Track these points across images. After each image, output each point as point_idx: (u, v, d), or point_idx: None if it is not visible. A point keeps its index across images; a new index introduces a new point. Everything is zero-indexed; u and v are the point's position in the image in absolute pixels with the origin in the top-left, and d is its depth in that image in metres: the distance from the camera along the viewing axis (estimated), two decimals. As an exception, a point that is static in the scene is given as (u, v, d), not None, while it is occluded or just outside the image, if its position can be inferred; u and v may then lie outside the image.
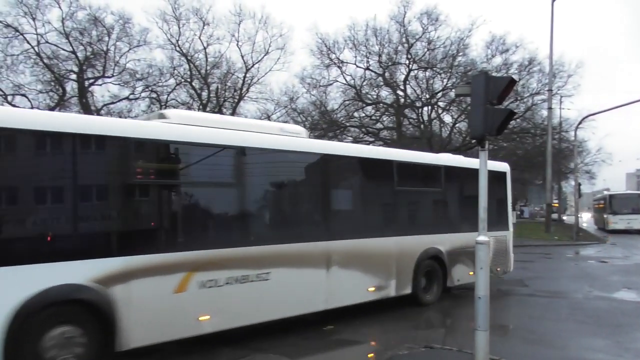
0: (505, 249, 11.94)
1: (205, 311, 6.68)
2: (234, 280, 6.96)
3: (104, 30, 32.68)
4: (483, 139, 6.04)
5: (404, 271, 9.63)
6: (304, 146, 8.39)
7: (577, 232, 29.66)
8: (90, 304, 5.73)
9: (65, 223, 5.81)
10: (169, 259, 6.43)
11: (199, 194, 7.15)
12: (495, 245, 11.17)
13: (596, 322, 9.04)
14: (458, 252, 10.69)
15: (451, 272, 10.61)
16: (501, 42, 35.44)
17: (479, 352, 5.97)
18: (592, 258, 20.46)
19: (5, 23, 29.63)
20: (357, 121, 39.39)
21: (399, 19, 35.18)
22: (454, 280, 10.72)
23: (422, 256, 9.96)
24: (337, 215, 8.93)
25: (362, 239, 8.90)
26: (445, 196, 11.02)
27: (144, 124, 7.02)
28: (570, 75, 36.08)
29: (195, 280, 6.58)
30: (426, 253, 10.04)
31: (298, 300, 7.79)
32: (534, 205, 77.45)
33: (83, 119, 7.14)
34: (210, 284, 6.71)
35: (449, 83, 36.35)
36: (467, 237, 10.38)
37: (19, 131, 5.48)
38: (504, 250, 11.87)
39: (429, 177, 10.80)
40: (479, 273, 6.02)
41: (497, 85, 5.94)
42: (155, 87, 36.17)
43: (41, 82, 32.16)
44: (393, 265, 9.44)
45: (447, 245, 10.47)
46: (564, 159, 47.11)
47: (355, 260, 8.66)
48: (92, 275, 5.75)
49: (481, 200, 6.25)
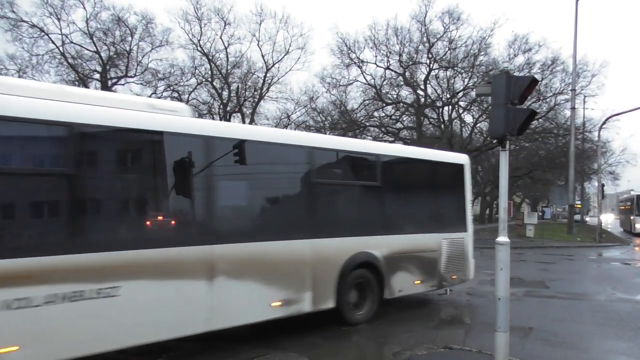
0: (463, 254, 10.44)
1: (13, 341, 5.00)
2: (59, 298, 5.28)
3: (127, 31, 33.18)
4: (504, 139, 6.00)
5: (323, 281, 7.88)
6: (172, 126, 6.45)
7: (600, 233, 29.19)
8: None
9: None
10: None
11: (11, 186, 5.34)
12: (449, 249, 10.02)
13: (618, 325, 8.93)
14: (400, 257, 9.04)
15: (390, 282, 8.88)
16: (524, 41, 35.08)
17: (499, 354, 5.95)
18: (615, 260, 20.15)
19: (31, 23, 30.28)
20: (377, 121, 39.33)
21: (420, 18, 35.04)
22: (394, 291, 8.99)
23: (349, 263, 8.23)
24: (224, 213, 7.11)
25: (262, 242, 7.19)
26: (383, 191, 9.09)
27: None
28: (594, 75, 35.62)
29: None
30: (354, 259, 8.29)
31: (165, 320, 6.09)
32: (556, 206, 76.60)
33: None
34: (20, 304, 5.03)
35: (470, 83, 36.08)
36: (411, 239, 9.39)
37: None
38: (461, 254, 10.39)
39: (361, 169, 9.25)
40: (499, 274, 5.98)
41: (518, 85, 5.90)
42: (176, 87, 36.60)
43: (65, 81, 32.74)
44: (307, 275, 7.68)
45: (384, 250, 8.76)
46: (587, 159, 46.41)
47: (252, 269, 6.96)
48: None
49: (501, 200, 6.20)
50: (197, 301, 6.40)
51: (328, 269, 7.99)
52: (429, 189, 10.39)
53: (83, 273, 5.46)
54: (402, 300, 9.42)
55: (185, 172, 6.53)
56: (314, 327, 8.15)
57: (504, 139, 5.99)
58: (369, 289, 8.65)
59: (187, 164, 6.55)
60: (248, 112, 38.57)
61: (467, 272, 10.62)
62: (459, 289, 12.23)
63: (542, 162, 45.11)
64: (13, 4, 29.13)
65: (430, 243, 9.70)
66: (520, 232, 30.71)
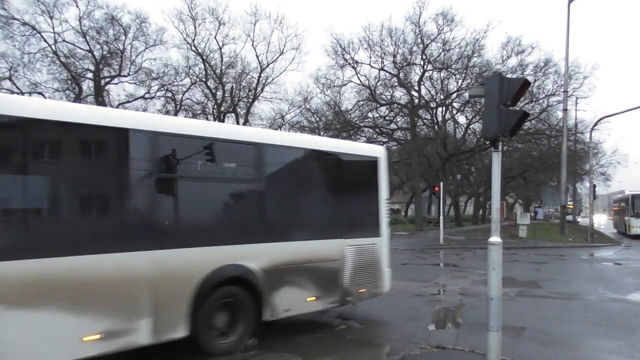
0: (374, 263, 8.91)
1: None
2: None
3: (120, 30, 33.12)
4: (497, 140, 6.05)
5: (170, 304, 6.21)
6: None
7: (592, 234, 29.39)
8: None
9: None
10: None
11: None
12: (356, 258, 8.48)
13: (609, 324, 9.01)
14: (287, 269, 7.42)
15: (272, 300, 7.18)
16: (517, 43, 35.39)
17: (491, 353, 6.00)
18: (607, 260, 20.30)
19: (23, 21, 30.13)
20: (371, 121, 39.48)
21: (414, 20, 35.24)
22: (277, 311, 7.28)
23: (211, 279, 6.55)
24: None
25: (67, 258, 5.35)
26: (265, 190, 7.44)
27: None
28: (586, 77, 36.00)
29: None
30: (219, 274, 6.63)
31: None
32: (549, 206, 77.10)
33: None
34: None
35: (463, 84, 36.32)
36: (304, 247, 7.77)
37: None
38: (372, 264, 8.87)
39: (233, 161, 7.28)
40: (491, 274, 6.03)
41: (511, 87, 5.96)
42: (170, 87, 36.57)
43: (58, 80, 32.66)
44: (144, 297, 5.97)
45: (264, 261, 7.10)
46: (579, 160, 46.76)
47: (50, 294, 5.20)
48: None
49: (494, 201, 6.25)
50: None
51: (177, 287, 6.29)
52: (330, 187, 8.45)
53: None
54: (393, 301, 9.44)
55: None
56: (307, 327, 8.17)
57: (497, 140, 6.04)
58: (240, 309, 6.93)
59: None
60: (242, 113, 38.59)
61: (379, 284, 9.02)
62: (452, 290, 12.31)
63: (535, 163, 45.49)
64: (4, 1, 28.99)
65: (330, 251, 8.10)
66: (512, 233, 30.86)
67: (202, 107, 38.54)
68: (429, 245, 25.15)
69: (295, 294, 7.58)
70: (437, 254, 22.45)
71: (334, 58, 36.74)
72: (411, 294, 11.66)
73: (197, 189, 6.86)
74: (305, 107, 40.35)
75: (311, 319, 8.33)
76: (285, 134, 9.67)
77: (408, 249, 24.00)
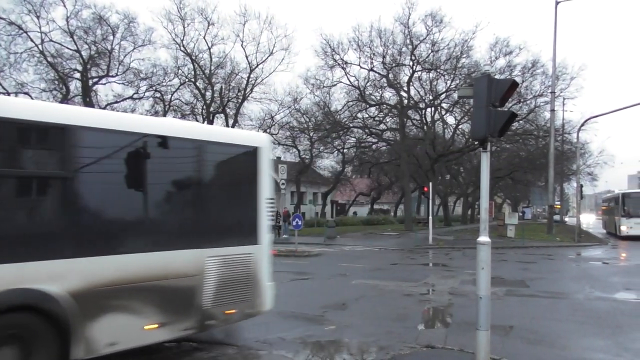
0: (249, 276, 7.19)
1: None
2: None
3: (108, 29, 32.90)
4: (485, 141, 6.10)
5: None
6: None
7: (579, 233, 29.65)
8: None
9: None
10: None
11: None
12: (222, 272, 6.80)
13: (597, 323, 9.10)
14: (111, 291, 5.72)
15: (87, 332, 5.49)
16: (505, 44, 35.63)
17: (480, 352, 6.05)
18: (594, 259, 20.48)
19: (9, 20, 29.81)
20: (361, 122, 39.55)
21: (403, 21, 35.32)
22: (96, 346, 5.57)
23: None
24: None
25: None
26: (68, 186, 5.55)
27: None
28: (573, 78, 36.32)
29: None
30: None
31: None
32: (536, 206, 77.69)
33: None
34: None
35: (452, 85, 36.49)
36: (139, 261, 6.04)
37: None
38: (247, 277, 7.15)
39: (24, 147, 5.46)
40: (480, 273, 6.07)
41: (499, 88, 6.01)
42: (159, 87, 36.39)
43: (45, 80, 32.36)
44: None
45: (72, 282, 5.41)
46: (567, 160, 47.24)
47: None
48: None
49: (483, 201, 6.29)
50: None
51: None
52: (185, 183, 6.77)
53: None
54: (383, 300, 9.47)
55: None
56: (296, 328, 8.16)
57: (486, 140, 6.09)
58: (37, 345, 5.23)
59: None
60: (232, 113, 38.49)
61: (256, 302, 7.30)
62: (441, 289, 12.37)
63: (523, 163, 45.87)
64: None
65: (182, 265, 6.44)
66: (501, 232, 31.05)
67: (191, 107, 38.43)
68: (418, 245, 25.24)
69: (126, 322, 5.86)
70: (427, 254, 22.54)
71: (324, 59, 36.80)
72: (401, 293, 11.71)
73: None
74: (294, 107, 40.37)
75: (302, 320, 8.30)
76: (113, 114, 7.46)
77: (397, 249, 24.09)
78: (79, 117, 5.72)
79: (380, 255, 21.43)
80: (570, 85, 36.66)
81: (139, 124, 6.41)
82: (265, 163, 7.53)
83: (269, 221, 7.60)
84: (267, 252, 7.49)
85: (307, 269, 16.43)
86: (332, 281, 13.96)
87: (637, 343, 7.90)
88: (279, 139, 42.56)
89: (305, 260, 19.23)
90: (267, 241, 7.50)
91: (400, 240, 29.10)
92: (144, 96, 36.15)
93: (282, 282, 13.56)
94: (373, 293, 11.84)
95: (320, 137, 40.65)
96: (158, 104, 37.17)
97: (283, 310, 9.15)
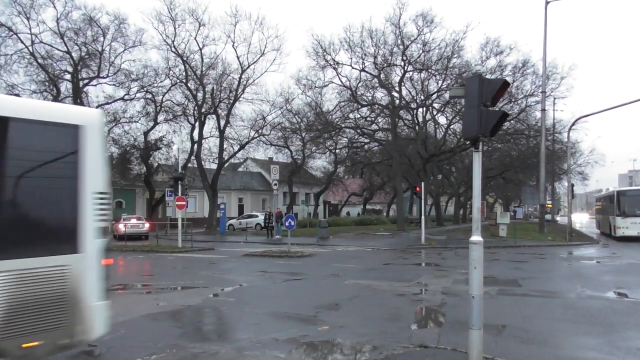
0: (64, 296, 5.19)
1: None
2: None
3: (99, 31, 32.79)
4: (477, 141, 6.11)
5: None
6: None
7: (570, 232, 29.80)
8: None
9: None
10: None
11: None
12: (16, 292, 4.79)
13: (589, 321, 9.13)
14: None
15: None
16: (495, 44, 35.84)
17: (473, 351, 6.05)
18: (585, 258, 20.59)
19: (-1, 22, 29.58)
20: (353, 122, 39.60)
21: (394, 21, 35.43)
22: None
23: None
24: None
25: None
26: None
27: None
28: (564, 77, 36.55)
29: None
30: None
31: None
32: (528, 205, 78.09)
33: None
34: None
35: (443, 85, 36.62)
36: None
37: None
38: (59, 298, 5.14)
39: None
40: (473, 272, 6.09)
41: (490, 88, 6.03)
42: (150, 88, 36.28)
43: (35, 82, 32.20)
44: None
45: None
46: (558, 160, 47.50)
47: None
48: None
49: (475, 201, 6.30)
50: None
51: None
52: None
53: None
54: (376, 300, 9.46)
55: None
56: (290, 327, 8.14)
57: (477, 140, 6.10)
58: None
59: None
60: (223, 114, 38.40)
61: (76, 330, 5.28)
62: (434, 289, 12.39)
63: (514, 163, 46.13)
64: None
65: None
66: (493, 232, 31.18)
67: (183, 108, 38.32)
68: (411, 245, 25.28)
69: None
70: (419, 253, 22.57)
71: (315, 59, 36.85)
72: (393, 293, 11.71)
73: None
74: (286, 108, 40.42)
75: (295, 319, 8.27)
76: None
77: (390, 249, 24.12)
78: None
79: (373, 256, 21.44)
80: (560, 84, 36.95)
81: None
82: (93, 147, 5.49)
83: (101, 222, 5.52)
84: (94, 263, 5.43)
85: (300, 269, 16.41)
86: (325, 281, 13.94)
87: (629, 341, 7.94)
88: (271, 139, 42.54)
89: (298, 261, 19.21)
90: (94, 249, 5.42)
91: (393, 240, 29.14)
92: (135, 97, 36.08)
93: (275, 283, 13.56)
94: (366, 293, 11.83)
95: (312, 137, 40.70)
96: (149, 104, 37.06)
97: (276, 311, 9.12)
